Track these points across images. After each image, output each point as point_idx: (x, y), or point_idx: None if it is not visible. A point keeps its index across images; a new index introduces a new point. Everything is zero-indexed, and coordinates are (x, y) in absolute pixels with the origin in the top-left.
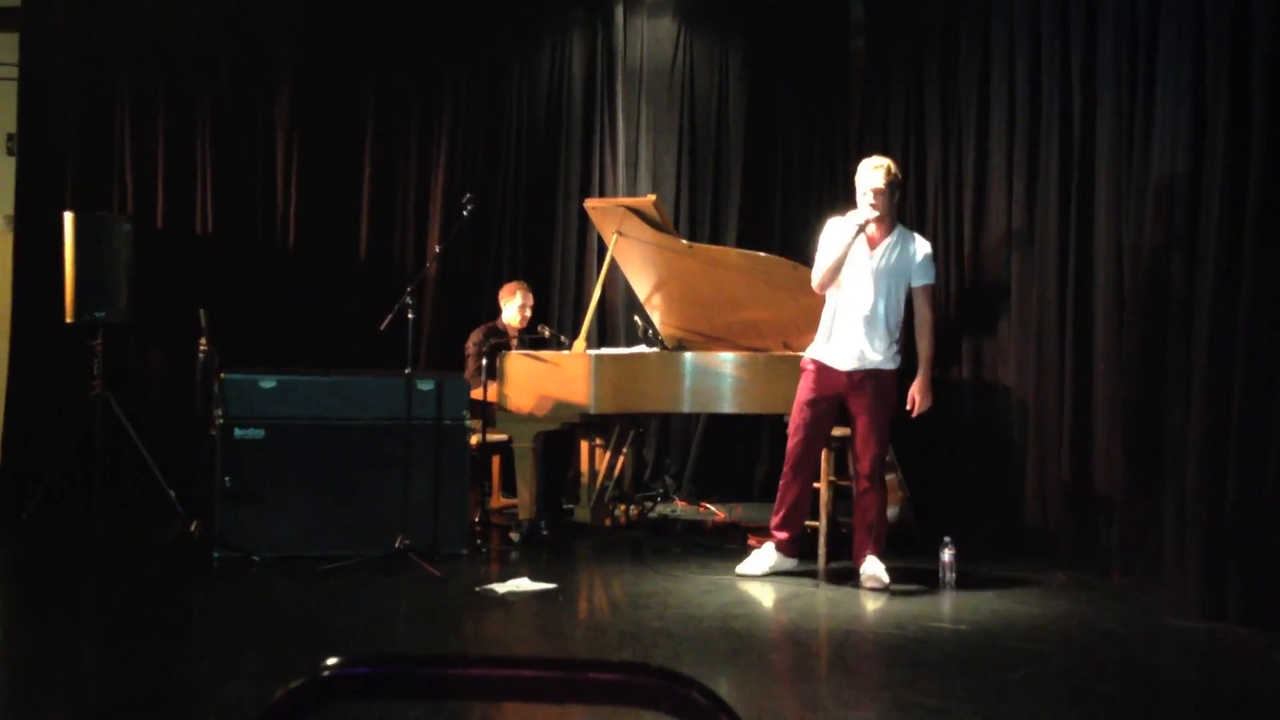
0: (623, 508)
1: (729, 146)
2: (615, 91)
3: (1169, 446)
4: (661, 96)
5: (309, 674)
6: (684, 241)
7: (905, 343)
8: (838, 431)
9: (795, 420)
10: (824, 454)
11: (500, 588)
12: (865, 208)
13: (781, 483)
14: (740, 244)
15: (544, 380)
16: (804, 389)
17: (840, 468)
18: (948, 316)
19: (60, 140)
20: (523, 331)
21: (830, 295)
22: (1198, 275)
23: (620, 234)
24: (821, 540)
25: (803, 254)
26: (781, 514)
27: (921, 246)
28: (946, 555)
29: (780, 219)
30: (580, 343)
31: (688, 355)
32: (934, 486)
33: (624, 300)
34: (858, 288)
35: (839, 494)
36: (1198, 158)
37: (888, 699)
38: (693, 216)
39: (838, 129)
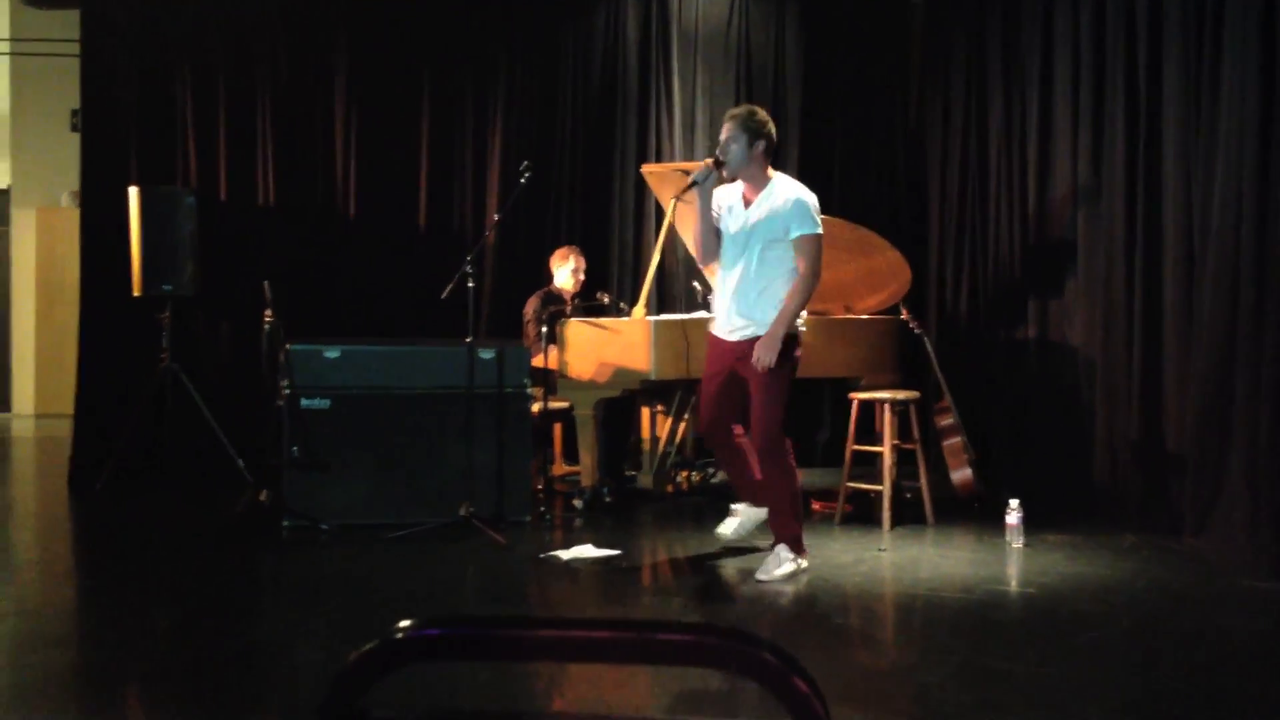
0: (685, 474)
1: (786, 107)
2: (670, 54)
3: (1241, 405)
4: (717, 58)
5: (382, 636)
6: None
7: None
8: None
9: (700, 398)
10: (888, 417)
11: (565, 554)
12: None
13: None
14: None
15: (604, 347)
16: (706, 363)
17: (904, 431)
18: (1013, 275)
19: (123, 116)
20: (577, 295)
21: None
22: (1269, 229)
23: (678, 199)
24: (886, 504)
25: (861, 215)
26: (737, 488)
27: (790, 193)
28: (1013, 518)
29: (839, 179)
30: (640, 309)
31: None
32: (1000, 448)
33: (683, 266)
34: (731, 252)
35: (902, 457)
36: (1268, 106)
37: (955, 662)
38: None
39: (897, 87)
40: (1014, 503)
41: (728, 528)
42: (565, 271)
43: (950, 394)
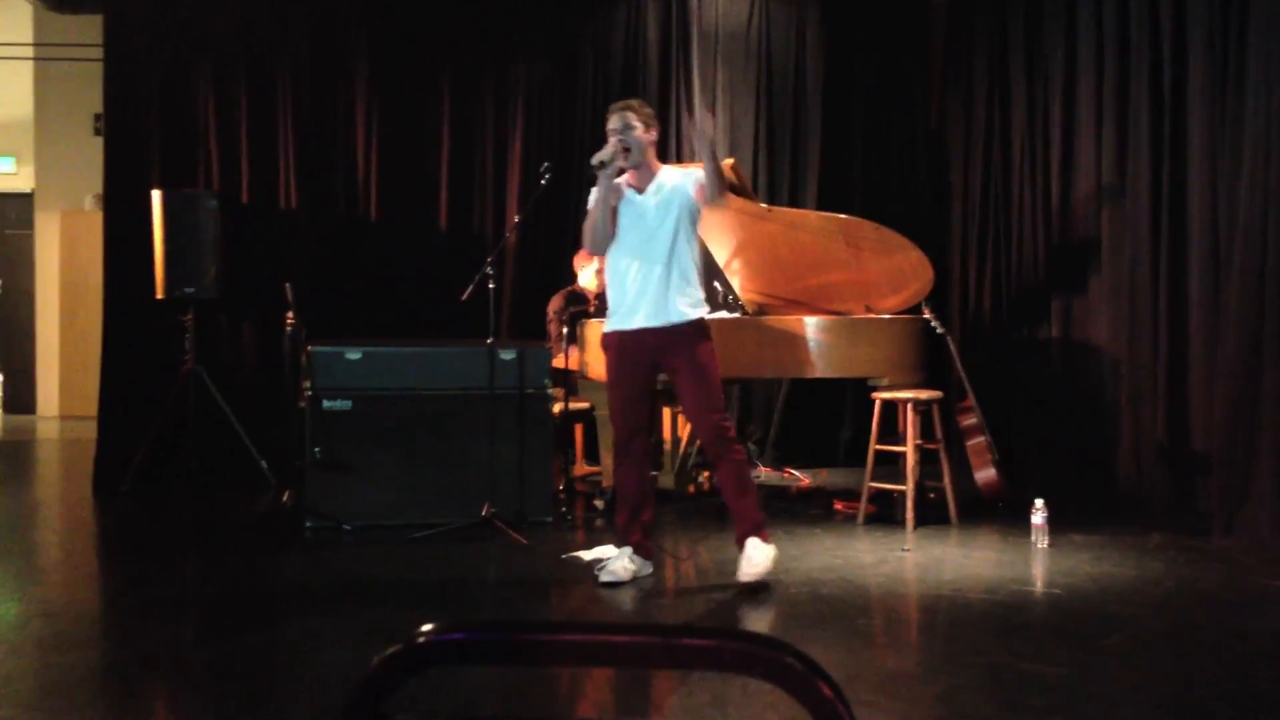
0: (706, 474)
1: (807, 107)
2: (690, 54)
3: (1268, 403)
4: (737, 58)
5: (405, 640)
6: (763, 205)
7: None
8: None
9: (612, 404)
10: (911, 417)
11: (586, 555)
12: (606, 150)
13: (616, 475)
14: (820, 206)
15: None
16: (609, 368)
17: (927, 430)
18: (1036, 274)
19: (145, 120)
20: (600, 295)
21: (608, 259)
22: None
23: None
24: (909, 505)
25: (883, 215)
26: (623, 509)
27: (678, 172)
28: (1038, 518)
29: (860, 179)
30: None
31: (769, 320)
32: (1024, 448)
33: (703, 266)
34: (632, 242)
35: (925, 457)
36: None
37: (981, 664)
38: (771, 179)
39: (918, 85)
40: (1039, 503)
41: (607, 568)
42: (589, 271)
43: (973, 393)
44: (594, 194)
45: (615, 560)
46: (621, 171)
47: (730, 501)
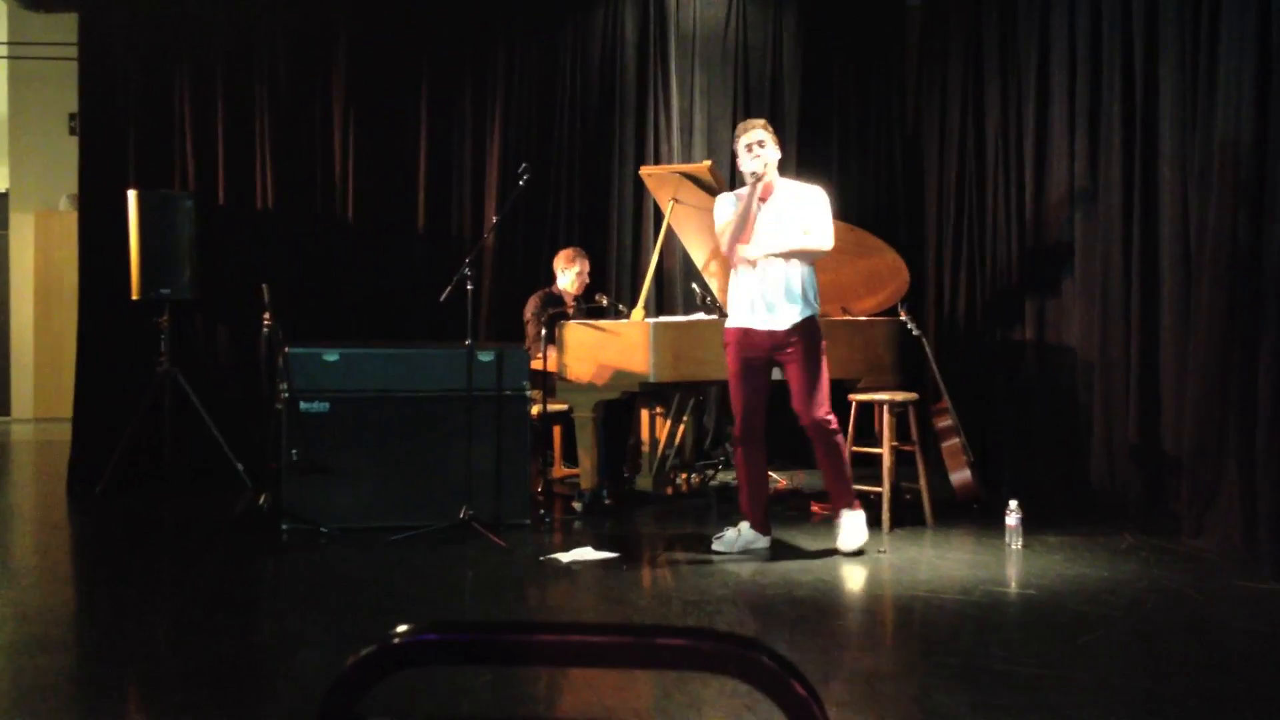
0: (684, 476)
1: (784, 109)
2: (668, 56)
3: (1238, 405)
4: (715, 60)
5: (380, 641)
6: None
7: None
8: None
9: (736, 394)
10: (886, 418)
11: (564, 557)
12: (758, 160)
13: (737, 459)
14: None
15: (603, 349)
16: (734, 361)
17: (903, 432)
18: (1011, 276)
19: (121, 120)
20: (579, 298)
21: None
22: (1265, 231)
23: (676, 201)
24: (885, 506)
25: (859, 217)
26: (745, 491)
27: (802, 188)
28: (1012, 519)
29: (837, 182)
30: (639, 311)
31: None
32: (999, 449)
33: (682, 268)
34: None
35: (901, 458)
36: (1263, 112)
37: (955, 664)
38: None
39: (894, 89)
40: (1013, 504)
41: (724, 541)
42: (570, 275)
43: (949, 395)
44: (727, 202)
45: (732, 531)
46: (758, 181)
47: (829, 484)
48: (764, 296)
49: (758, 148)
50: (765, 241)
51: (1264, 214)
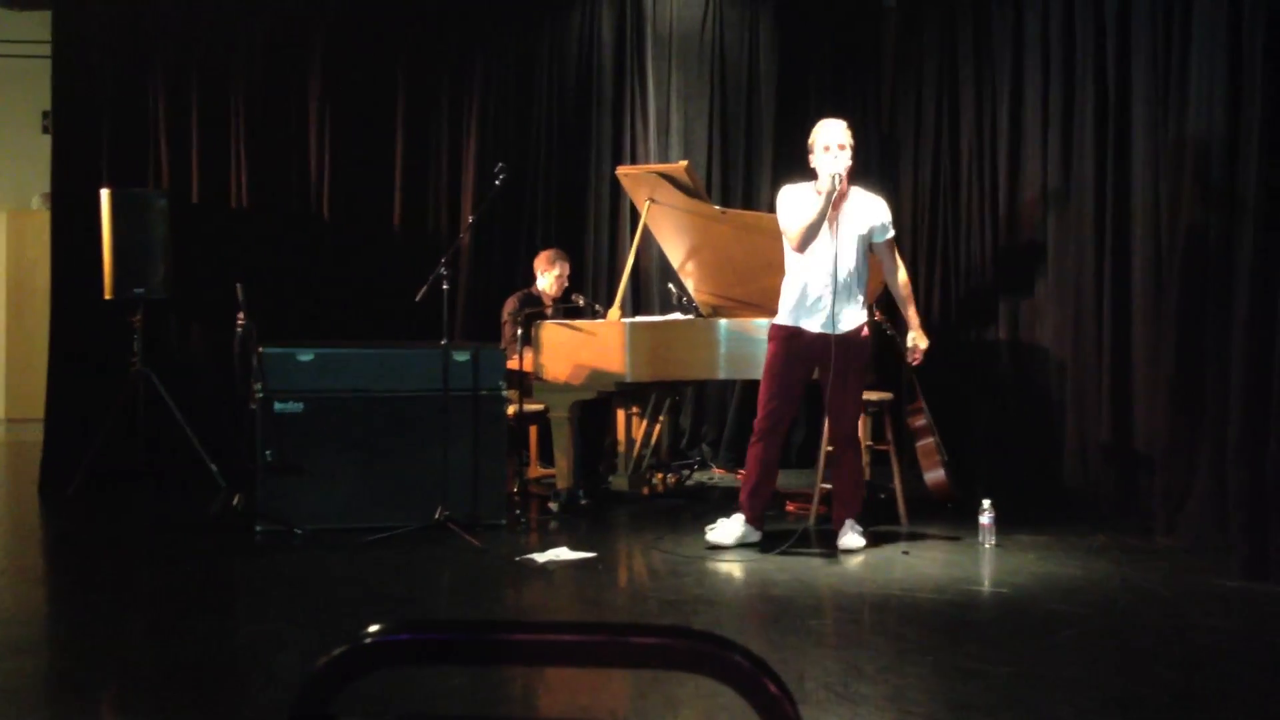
0: (660, 476)
1: (761, 110)
2: (645, 57)
3: (1209, 404)
4: (692, 61)
5: (352, 641)
6: (717, 207)
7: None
8: (875, 396)
9: (771, 389)
10: (861, 418)
11: (540, 557)
12: (840, 161)
13: (753, 452)
14: (773, 209)
15: (580, 349)
16: (777, 358)
17: (878, 432)
18: (984, 277)
19: (94, 117)
20: (558, 300)
21: (795, 259)
22: (1236, 229)
23: (653, 201)
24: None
25: None
26: (752, 484)
27: (873, 198)
28: (986, 518)
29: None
30: (615, 311)
31: (723, 322)
32: (973, 449)
33: (658, 268)
34: (827, 248)
35: (876, 458)
36: (1234, 111)
37: (928, 663)
38: (725, 182)
39: (870, 89)
40: (986, 503)
41: (717, 532)
42: (549, 277)
43: (923, 395)
44: (802, 193)
45: (725, 522)
46: (839, 181)
47: (843, 492)
48: (824, 300)
49: (839, 150)
50: (906, 303)
51: (1235, 213)
